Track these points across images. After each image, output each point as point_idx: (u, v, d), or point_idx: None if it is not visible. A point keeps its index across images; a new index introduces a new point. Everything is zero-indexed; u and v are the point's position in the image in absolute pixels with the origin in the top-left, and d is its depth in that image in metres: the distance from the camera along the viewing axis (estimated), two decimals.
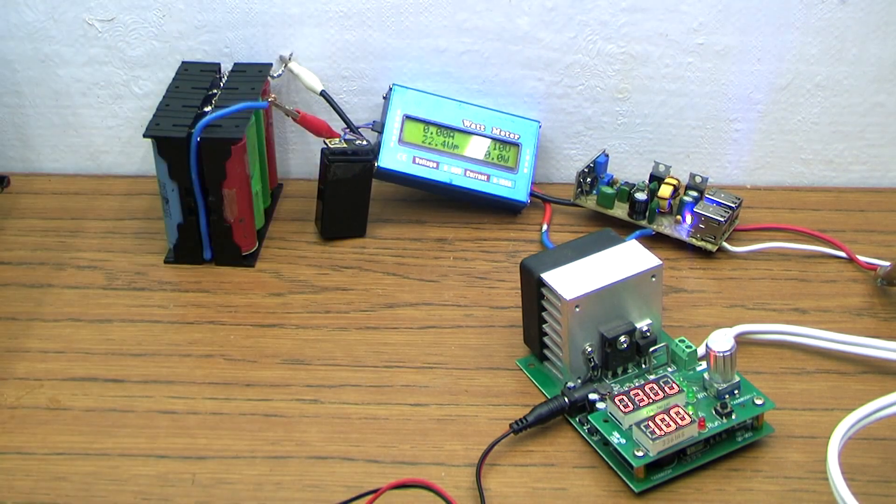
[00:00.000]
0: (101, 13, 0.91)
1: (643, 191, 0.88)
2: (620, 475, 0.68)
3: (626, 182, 0.90)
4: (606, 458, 0.69)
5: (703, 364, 0.72)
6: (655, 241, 0.87)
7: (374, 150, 0.88)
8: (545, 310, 0.73)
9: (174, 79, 0.88)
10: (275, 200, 0.93)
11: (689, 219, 0.86)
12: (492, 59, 0.92)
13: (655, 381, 0.70)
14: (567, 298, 0.70)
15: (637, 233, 0.87)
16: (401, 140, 0.89)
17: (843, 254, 0.86)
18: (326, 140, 0.87)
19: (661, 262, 0.73)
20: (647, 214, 0.88)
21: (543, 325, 0.74)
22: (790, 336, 0.78)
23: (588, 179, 0.90)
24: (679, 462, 0.68)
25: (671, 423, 0.67)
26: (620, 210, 0.89)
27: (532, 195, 0.91)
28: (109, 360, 0.77)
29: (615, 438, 0.68)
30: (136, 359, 0.78)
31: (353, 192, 0.87)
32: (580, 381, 0.72)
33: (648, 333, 0.73)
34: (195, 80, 0.87)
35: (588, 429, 0.70)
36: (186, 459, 0.70)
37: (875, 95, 0.92)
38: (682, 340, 0.73)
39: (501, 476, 0.69)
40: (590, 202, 0.90)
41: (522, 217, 0.91)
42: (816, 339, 0.77)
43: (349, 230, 0.89)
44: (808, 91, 0.92)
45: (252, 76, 0.88)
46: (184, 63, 0.90)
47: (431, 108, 0.90)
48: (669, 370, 0.73)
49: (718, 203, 0.86)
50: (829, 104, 0.93)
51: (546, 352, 0.75)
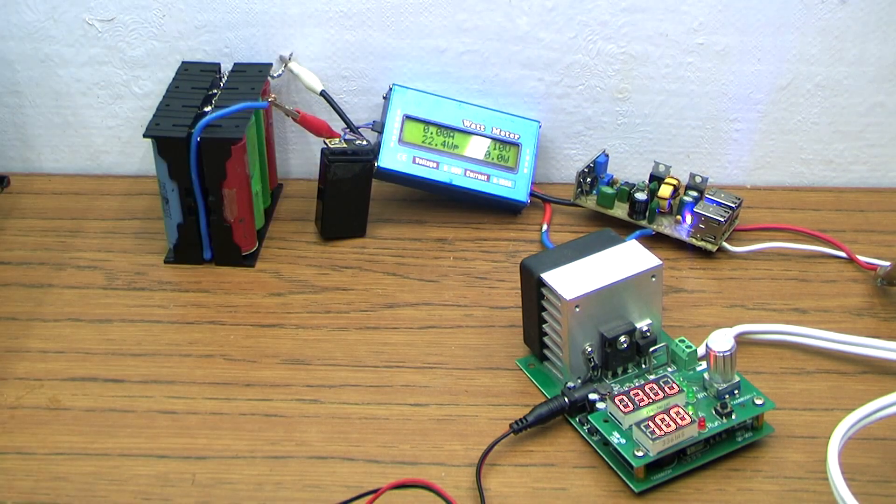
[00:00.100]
0: (101, 13, 0.91)
1: (643, 191, 0.88)
2: (620, 475, 0.68)
3: (626, 182, 0.90)
4: (606, 458, 0.69)
5: (703, 364, 0.72)
6: (655, 241, 0.87)
7: (374, 150, 0.88)
8: (545, 310, 0.73)
9: (174, 79, 0.88)
10: (275, 200, 0.93)
11: (689, 219, 0.86)
12: (492, 59, 0.92)
13: (655, 381, 0.70)
14: (567, 298, 0.70)
15: (637, 233, 0.87)
16: (401, 140, 0.89)
17: (843, 254, 0.86)
18: (326, 140, 0.87)
19: (661, 262, 0.73)
20: (647, 214, 0.88)
21: (543, 325, 0.74)
22: (790, 336, 0.78)
23: (588, 179, 0.90)
24: (679, 462, 0.68)
25: (671, 423, 0.67)
26: (620, 210, 0.89)
27: (532, 195, 0.91)
28: (109, 360, 0.77)
29: (615, 438, 0.68)
30: (136, 359, 0.78)
31: (353, 192, 0.87)
32: (580, 381, 0.72)
33: (648, 333, 0.73)
34: (195, 80, 0.87)
35: (588, 429, 0.70)
36: (187, 459, 0.70)
37: (875, 95, 0.92)
38: (682, 340, 0.73)
39: (501, 476, 0.69)
40: (590, 202, 0.90)
41: (522, 217, 0.91)
42: (816, 339, 0.77)
43: (349, 230, 0.89)
44: (808, 91, 0.92)
45: (252, 76, 0.88)
46: (184, 63, 0.90)
47: (431, 108, 0.90)
48: (669, 370, 0.73)
49: (718, 203, 0.86)
50: (829, 104, 0.92)
51: (546, 352, 0.75)
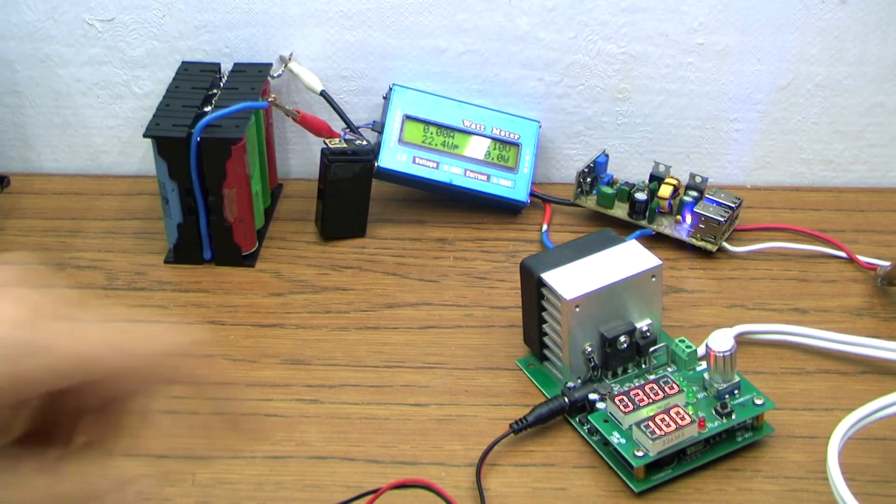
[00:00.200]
0: (101, 13, 0.91)
1: (643, 191, 0.88)
2: (620, 475, 0.68)
3: (626, 182, 0.90)
4: (606, 458, 0.69)
5: (703, 364, 0.72)
6: (655, 241, 0.86)
7: (374, 150, 0.88)
8: (545, 310, 0.73)
9: (174, 79, 0.88)
10: (275, 200, 0.93)
11: (689, 219, 0.86)
12: (492, 59, 0.92)
13: (655, 381, 0.70)
14: (567, 298, 0.70)
15: (637, 233, 0.87)
16: (401, 140, 0.89)
17: (843, 254, 0.86)
18: (326, 140, 0.87)
19: (661, 262, 0.73)
20: (647, 214, 0.88)
21: (543, 325, 0.74)
22: (790, 336, 0.78)
23: (588, 179, 0.90)
24: (679, 462, 0.68)
25: (671, 423, 0.66)
26: (620, 210, 0.89)
27: (532, 195, 0.91)
28: None
29: (615, 438, 0.68)
30: None
31: (353, 192, 0.87)
32: (580, 381, 0.72)
33: (648, 333, 0.73)
34: (195, 80, 0.87)
35: (588, 429, 0.70)
36: (187, 459, 0.70)
37: (875, 95, 0.92)
38: (682, 340, 0.73)
39: (501, 476, 0.69)
40: (590, 202, 0.90)
41: (522, 217, 0.91)
42: (816, 339, 0.77)
43: (349, 230, 0.89)
44: (808, 91, 0.92)
45: (252, 76, 0.88)
46: (184, 63, 0.90)
47: (431, 108, 0.90)
48: (669, 370, 0.73)
49: (718, 203, 0.86)
50: (829, 104, 0.92)
51: (546, 352, 0.75)
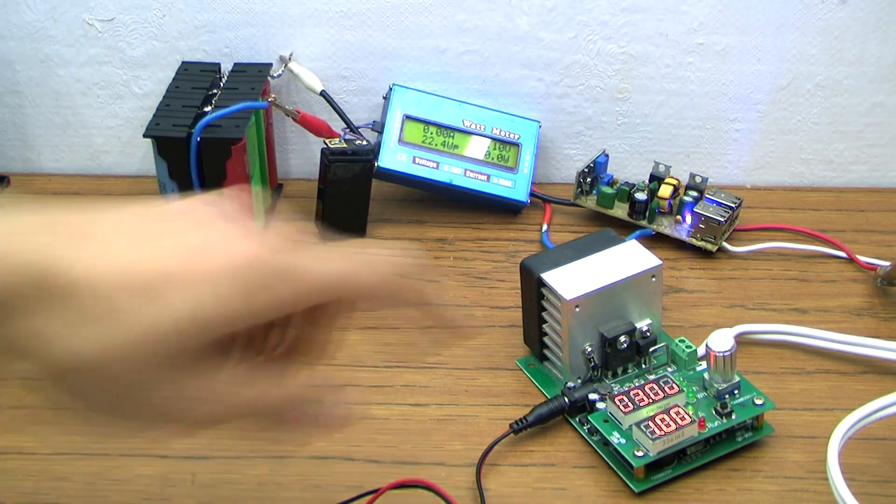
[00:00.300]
0: (101, 13, 0.91)
1: (643, 191, 0.88)
2: (620, 475, 0.68)
3: (626, 182, 0.90)
4: (606, 458, 0.69)
5: (703, 364, 0.72)
6: (655, 241, 0.87)
7: (374, 150, 0.88)
8: (545, 310, 0.73)
9: (174, 79, 0.88)
10: (275, 200, 0.93)
11: (689, 219, 0.86)
12: (492, 59, 0.92)
13: (655, 381, 0.70)
14: (567, 298, 0.70)
15: (637, 233, 0.87)
16: (401, 140, 0.89)
17: (843, 254, 0.86)
18: (326, 140, 0.87)
19: (661, 262, 0.73)
20: (647, 214, 0.88)
21: (543, 325, 0.74)
22: (790, 336, 0.78)
23: (588, 179, 0.90)
24: (679, 462, 0.68)
25: (671, 423, 0.67)
26: (620, 210, 0.89)
27: (532, 195, 0.91)
28: None
29: (615, 438, 0.68)
30: None
31: (353, 192, 0.87)
32: (580, 381, 0.72)
33: (648, 333, 0.73)
34: (195, 80, 0.87)
35: (588, 429, 0.70)
36: (188, 459, 0.70)
37: (875, 95, 0.92)
38: (682, 340, 0.73)
39: (501, 476, 0.69)
40: (590, 202, 0.90)
41: (522, 217, 0.91)
42: (816, 339, 0.77)
43: (349, 230, 0.89)
44: (808, 91, 0.92)
45: (252, 76, 0.88)
46: (184, 63, 0.90)
47: (431, 108, 0.90)
48: (669, 370, 0.73)
49: (718, 203, 0.86)
50: (829, 104, 0.93)
51: (546, 352, 0.75)
